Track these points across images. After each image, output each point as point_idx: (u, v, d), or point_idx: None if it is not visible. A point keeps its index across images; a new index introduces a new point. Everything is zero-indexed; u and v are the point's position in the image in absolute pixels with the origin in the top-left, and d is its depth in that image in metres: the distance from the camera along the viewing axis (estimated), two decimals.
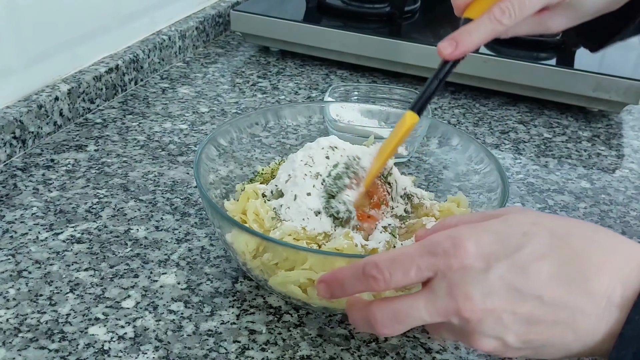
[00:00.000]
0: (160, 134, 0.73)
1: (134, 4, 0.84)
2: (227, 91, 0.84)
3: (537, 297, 0.34)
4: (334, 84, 0.83)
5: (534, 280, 0.34)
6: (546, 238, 0.35)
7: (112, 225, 0.57)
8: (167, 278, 0.51)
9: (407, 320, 0.36)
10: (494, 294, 0.35)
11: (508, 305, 0.35)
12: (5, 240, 0.54)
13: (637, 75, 0.79)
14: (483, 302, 0.35)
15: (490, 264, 0.35)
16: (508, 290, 0.35)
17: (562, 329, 0.35)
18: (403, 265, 0.36)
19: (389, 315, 0.37)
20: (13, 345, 0.44)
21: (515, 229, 0.36)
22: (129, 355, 0.44)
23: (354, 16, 0.94)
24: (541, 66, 0.82)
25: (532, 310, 0.35)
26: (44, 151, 0.68)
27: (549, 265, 0.34)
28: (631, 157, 0.75)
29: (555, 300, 0.34)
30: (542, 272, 0.34)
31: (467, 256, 0.35)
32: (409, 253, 0.36)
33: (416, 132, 0.64)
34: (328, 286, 0.39)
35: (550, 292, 0.34)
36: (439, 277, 0.36)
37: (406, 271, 0.36)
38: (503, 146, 0.75)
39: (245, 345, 0.45)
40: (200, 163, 0.52)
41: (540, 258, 0.35)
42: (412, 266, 0.36)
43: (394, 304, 0.37)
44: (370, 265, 0.36)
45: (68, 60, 0.75)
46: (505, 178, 0.51)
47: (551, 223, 0.37)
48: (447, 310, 0.35)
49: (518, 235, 0.35)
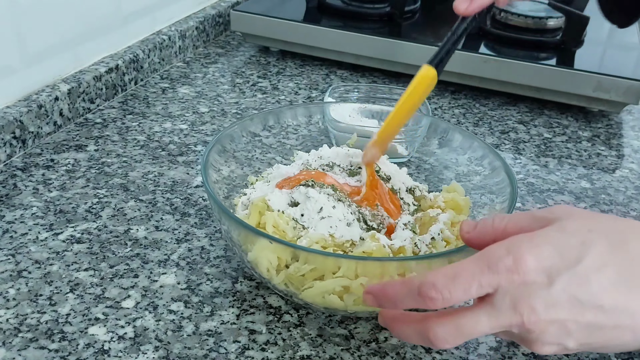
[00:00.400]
0: (160, 134, 0.73)
1: (134, 4, 0.84)
2: (227, 91, 0.84)
3: (599, 306, 0.35)
4: (334, 84, 0.83)
5: (596, 290, 0.35)
6: (604, 247, 0.36)
7: (112, 225, 0.57)
8: (167, 278, 0.51)
9: (469, 335, 0.37)
10: (557, 306, 0.35)
11: (570, 316, 0.35)
12: (5, 240, 0.54)
13: (637, 75, 0.79)
14: (547, 314, 0.35)
15: (552, 278, 0.35)
16: (571, 302, 0.35)
17: (622, 330, 0.36)
18: (464, 283, 0.36)
19: (451, 331, 0.37)
20: (13, 345, 0.44)
21: (572, 239, 0.36)
22: (129, 355, 0.44)
23: (354, 16, 0.94)
24: (541, 66, 0.82)
25: (593, 318, 0.35)
26: (44, 151, 0.68)
27: (610, 274, 0.35)
28: (631, 157, 0.75)
29: (616, 306, 0.35)
30: (604, 282, 0.35)
31: (529, 272, 0.35)
32: (468, 270, 0.36)
33: (416, 132, 0.64)
34: (376, 299, 0.39)
35: (611, 300, 0.35)
36: (500, 293, 0.36)
37: (467, 289, 0.36)
38: (503, 146, 0.75)
39: (245, 345, 0.45)
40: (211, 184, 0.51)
41: (600, 268, 0.35)
42: (474, 284, 0.36)
43: (455, 320, 0.37)
44: (428, 286, 0.36)
45: (68, 60, 0.75)
46: (514, 181, 0.51)
47: (607, 229, 0.37)
48: (511, 324, 0.36)
49: (577, 245, 0.36)
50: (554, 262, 0.35)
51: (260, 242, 0.45)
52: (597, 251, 0.36)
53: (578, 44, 0.89)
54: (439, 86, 0.89)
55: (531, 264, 0.35)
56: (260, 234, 0.45)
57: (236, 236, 0.47)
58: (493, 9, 0.94)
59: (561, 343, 0.36)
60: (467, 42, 0.89)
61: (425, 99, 0.72)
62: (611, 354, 0.46)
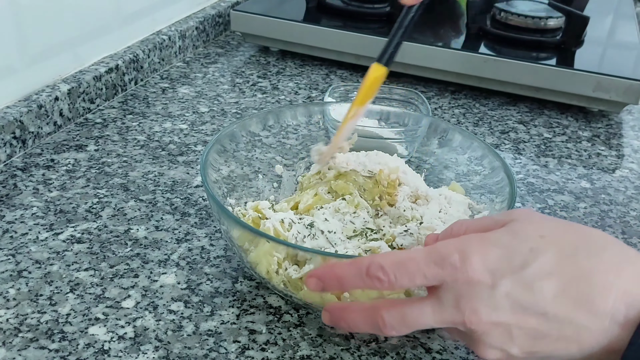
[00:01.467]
0: (160, 134, 0.73)
1: (135, 4, 0.84)
2: (227, 91, 0.84)
3: (542, 313, 0.35)
4: (334, 84, 0.83)
5: (539, 297, 0.35)
6: (553, 255, 0.36)
7: (112, 225, 0.57)
8: (167, 278, 0.51)
9: (414, 324, 0.37)
10: (499, 309, 0.35)
11: (513, 320, 0.35)
12: (5, 240, 0.54)
13: (637, 75, 0.79)
14: (489, 316, 0.35)
15: (496, 281, 0.35)
16: (514, 307, 0.35)
17: (567, 343, 0.35)
18: (409, 271, 0.36)
19: (397, 318, 0.37)
20: (13, 345, 0.44)
21: (522, 244, 0.36)
22: (129, 355, 0.44)
23: (354, 16, 0.94)
24: (541, 66, 0.82)
25: (537, 325, 0.35)
26: (44, 151, 0.68)
27: (555, 284, 0.35)
28: (631, 157, 0.75)
29: (560, 317, 0.35)
30: (548, 290, 0.35)
31: (474, 271, 0.35)
32: (416, 259, 0.37)
33: (416, 132, 0.64)
34: (321, 280, 0.39)
35: (555, 309, 0.35)
36: (445, 288, 0.36)
37: (412, 277, 0.36)
38: (503, 146, 0.75)
39: (245, 345, 0.45)
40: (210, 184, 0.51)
41: (546, 276, 0.35)
42: (419, 274, 0.36)
43: (402, 308, 0.37)
44: (376, 267, 0.37)
45: (68, 60, 0.75)
46: (513, 181, 0.50)
47: (559, 238, 0.37)
48: (454, 320, 0.36)
49: (525, 251, 0.36)
50: (500, 265, 0.35)
51: (262, 245, 0.45)
52: (545, 259, 0.35)
53: (578, 44, 0.89)
54: (439, 86, 0.89)
55: (476, 265, 0.35)
56: (260, 234, 0.46)
57: (235, 236, 0.47)
58: (493, 9, 0.94)
59: (504, 349, 0.36)
60: (467, 42, 0.89)
61: (425, 99, 0.72)
62: None
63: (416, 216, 0.52)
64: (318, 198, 0.53)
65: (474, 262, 0.35)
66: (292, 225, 0.48)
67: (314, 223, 0.49)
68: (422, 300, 0.37)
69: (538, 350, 0.36)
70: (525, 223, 0.38)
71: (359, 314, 0.39)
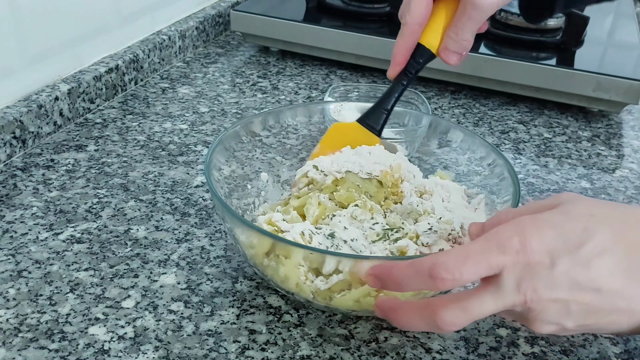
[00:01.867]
0: (160, 134, 0.73)
1: (135, 4, 0.84)
2: (227, 91, 0.84)
3: (597, 289, 0.36)
4: (334, 84, 0.83)
5: (595, 275, 0.36)
6: (606, 233, 0.37)
7: (112, 225, 0.57)
8: (167, 278, 0.51)
9: (476, 316, 0.38)
10: (558, 287, 0.36)
11: (570, 297, 0.37)
12: (5, 240, 0.54)
13: (637, 75, 0.79)
14: (548, 294, 0.37)
15: (554, 260, 0.36)
16: (571, 284, 0.36)
17: (619, 314, 0.37)
18: (474, 263, 0.37)
19: (458, 314, 0.38)
20: (13, 345, 0.44)
21: (576, 223, 0.37)
22: (129, 355, 0.44)
23: (354, 16, 0.94)
24: (541, 66, 0.82)
25: (591, 300, 0.37)
26: (44, 151, 0.68)
27: (610, 260, 0.36)
28: (631, 157, 0.75)
29: (614, 291, 0.37)
30: (603, 267, 0.36)
31: (533, 253, 0.36)
32: (478, 250, 0.37)
33: (416, 132, 0.64)
34: (380, 280, 0.40)
35: (609, 285, 0.36)
36: (505, 273, 0.37)
37: (477, 270, 0.37)
38: (503, 146, 0.75)
39: (245, 345, 0.45)
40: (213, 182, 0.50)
41: (601, 253, 0.37)
42: (483, 264, 0.37)
43: (461, 303, 0.38)
44: (440, 267, 0.37)
45: (68, 60, 0.75)
46: (516, 179, 0.50)
47: (609, 214, 0.38)
48: (515, 304, 0.37)
49: (579, 230, 0.37)
50: (556, 245, 0.37)
51: (293, 257, 0.44)
52: (598, 238, 0.37)
53: (578, 44, 0.89)
54: (439, 86, 0.89)
55: (535, 246, 0.36)
56: (283, 240, 0.44)
57: (258, 252, 0.46)
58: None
59: (560, 323, 0.38)
60: None
61: (425, 99, 0.72)
62: (611, 354, 0.46)
63: (427, 210, 0.52)
64: (324, 207, 0.52)
65: (533, 244, 0.36)
66: (312, 237, 0.47)
67: (335, 233, 0.48)
68: (480, 291, 0.38)
69: (591, 323, 0.38)
70: (574, 204, 0.39)
71: (414, 314, 0.39)
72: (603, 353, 0.47)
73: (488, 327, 0.48)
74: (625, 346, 0.47)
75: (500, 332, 0.48)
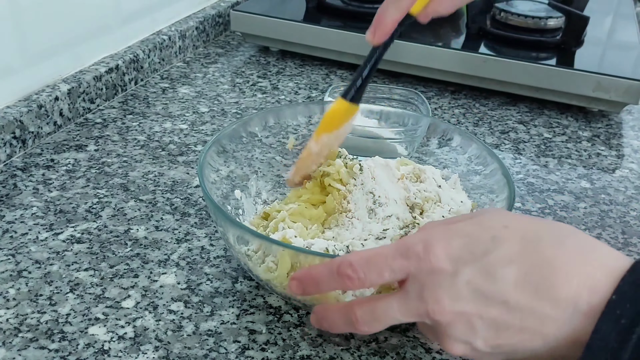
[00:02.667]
0: (161, 134, 0.73)
1: (135, 4, 0.84)
2: (227, 91, 0.84)
3: (503, 302, 0.35)
4: (334, 84, 0.83)
5: (500, 285, 0.35)
6: (515, 243, 0.35)
7: (112, 225, 0.57)
8: (167, 278, 0.51)
9: (383, 319, 0.38)
10: (462, 298, 0.35)
11: (475, 310, 0.35)
12: (5, 240, 0.54)
13: (637, 75, 0.79)
14: (451, 305, 0.35)
15: (458, 269, 0.35)
16: (475, 295, 0.35)
17: (530, 334, 0.35)
18: (377, 266, 0.37)
19: (368, 313, 0.38)
20: (13, 345, 0.44)
21: (485, 232, 0.36)
22: (129, 355, 0.44)
23: (354, 16, 0.94)
24: (541, 66, 0.82)
25: (499, 315, 0.35)
26: (44, 151, 0.68)
27: (516, 271, 0.35)
28: (631, 157, 0.75)
29: (521, 306, 0.34)
30: (508, 277, 0.35)
31: (437, 260, 0.35)
32: (384, 254, 0.37)
33: (416, 132, 0.64)
34: (301, 283, 0.40)
35: (516, 297, 0.34)
36: (411, 280, 0.36)
37: (380, 272, 0.37)
38: (503, 146, 0.75)
39: (245, 345, 0.45)
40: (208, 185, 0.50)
41: (507, 263, 0.35)
42: (386, 268, 0.37)
43: (372, 304, 0.38)
44: (345, 265, 0.37)
45: (68, 60, 0.75)
46: (511, 182, 0.50)
47: (523, 227, 0.37)
48: (419, 312, 0.36)
49: (487, 239, 0.36)
50: (462, 253, 0.35)
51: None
52: (506, 247, 0.35)
53: (578, 44, 0.89)
54: (439, 86, 0.89)
55: (439, 253, 0.36)
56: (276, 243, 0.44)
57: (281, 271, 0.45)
58: (493, 9, 0.94)
59: (469, 341, 0.36)
60: (467, 42, 0.89)
61: (425, 99, 0.72)
62: None
63: (431, 197, 0.52)
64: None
65: (437, 251, 0.36)
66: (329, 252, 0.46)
67: (349, 246, 0.47)
68: (391, 295, 0.38)
69: (502, 343, 0.36)
70: (491, 215, 0.38)
71: (336, 313, 0.40)
72: None
73: None
74: None
75: None
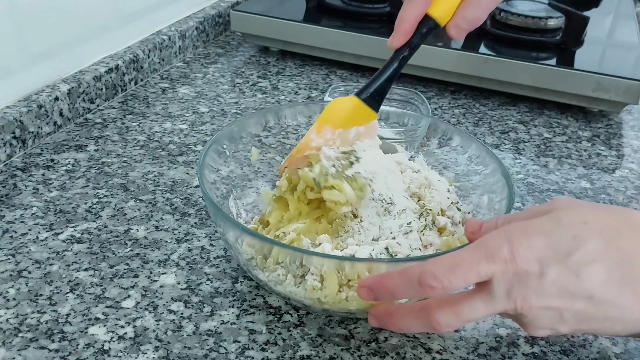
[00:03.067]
0: (160, 134, 0.73)
1: (134, 4, 0.84)
2: (227, 91, 0.84)
3: (588, 297, 0.37)
4: (334, 84, 0.83)
5: (586, 283, 0.37)
6: (597, 242, 0.37)
7: (112, 225, 0.57)
8: (167, 278, 0.51)
9: (468, 320, 0.39)
10: (548, 295, 0.37)
11: (562, 304, 0.37)
12: (5, 240, 0.54)
13: (637, 75, 0.79)
14: (538, 302, 0.37)
15: (544, 269, 0.37)
16: (561, 292, 0.37)
17: (612, 322, 0.38)
18: (463, 273, 0.37)
19: (451, 317, 0.39)
20: (13, 345, 0.44)
21: (566, 231, 0.37)
22: (129, 355, 0.44)
23: (354, 16, 0.94)
24: (541, 66, 0.82)
25: (584, 308, 0.37)
26: (44, 151, 0.68)
27: (600, 269, 0.37)
28: (631, 157, 0.75)
29: (605, 300, 0.37)
30: (593, 276, 0.37)
31: (523, 262, 0.37)
32: (467, 260, 0.37)
33: (416, 132, 0.64)
34: (372, 291, 0.40)
35: (600, 294, 0.37)
36: (495, 281, 0.37)
37: (466, 278, 0.37)
38: (503, 146, 0.75)
39: (245, 345, 0.45)
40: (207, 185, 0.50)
41: (590, 263, 0.37)
42: (472, 273, 0.37)
43: (454, 307, 0.39)
44: (428, 275, 0.37)
45: (68, 60, 0.75)
46: (511, 183, 0.51)
47: (601, 223, 0.38)
48: (506, 309, 0.38)
49: (569, 238, 0.37)
50: (546, 253, 0.37)
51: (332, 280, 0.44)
52: (589, 246, 0.37)
53: (578, 44, 0.89)
54: (439, 86, 0.89)
55: (524, 254, 0.37)
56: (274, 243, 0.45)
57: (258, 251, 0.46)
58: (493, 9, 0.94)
59: (554, 328, 0.38)
60: (467, 42, 0.89)
61: (425, 99, 0.72)
62: (611, 354, 0.47)
63: (423, 183, 0.53)
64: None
65: (522, 252, 0.37)
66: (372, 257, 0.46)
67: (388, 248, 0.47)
68: (473, 296, 0.38)
69: (586, 328, 0.38)
70: (567, 210, 0.39)
71: (410, 318, 0.40)
72: (603, 353, 0.47)
73: (488, 327, 0.48)
74: (625, 346, 0.47)
75: (500, 332, 0.48)
